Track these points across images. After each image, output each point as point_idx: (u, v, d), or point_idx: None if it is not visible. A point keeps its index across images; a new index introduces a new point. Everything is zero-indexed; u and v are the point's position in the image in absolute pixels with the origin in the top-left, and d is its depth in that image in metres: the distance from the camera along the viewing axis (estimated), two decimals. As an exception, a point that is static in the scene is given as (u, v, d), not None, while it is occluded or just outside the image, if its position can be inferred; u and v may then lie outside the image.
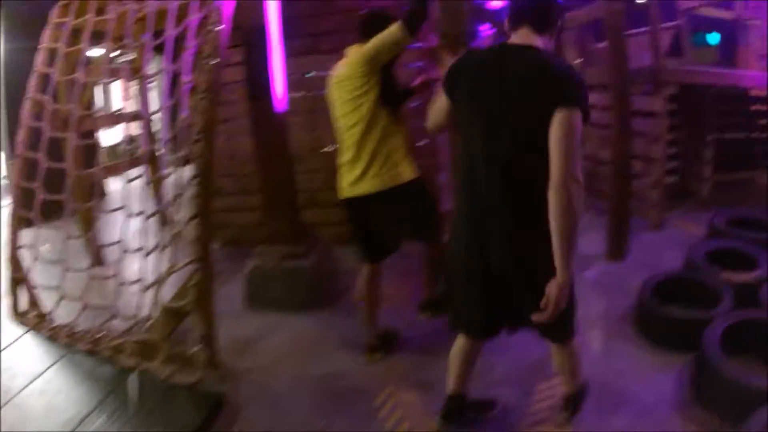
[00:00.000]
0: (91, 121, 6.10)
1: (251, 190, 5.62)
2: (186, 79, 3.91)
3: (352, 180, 3.63)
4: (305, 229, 5.15)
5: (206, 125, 3.76)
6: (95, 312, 4.22)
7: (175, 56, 4.06)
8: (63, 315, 4.46)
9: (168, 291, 3.96)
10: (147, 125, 5.54)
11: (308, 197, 5.86)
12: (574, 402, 3.32)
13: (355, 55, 3.50)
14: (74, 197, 4.89)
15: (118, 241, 4.14)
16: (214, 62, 3.84)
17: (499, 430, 3.39)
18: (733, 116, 7.28)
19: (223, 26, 3.92)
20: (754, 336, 3.78)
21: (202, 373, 3.68)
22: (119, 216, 4.16)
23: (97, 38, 4.76)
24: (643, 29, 6.44)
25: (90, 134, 5.88)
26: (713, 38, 15.62)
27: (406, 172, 3.67)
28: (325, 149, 5.89)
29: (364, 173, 3.57)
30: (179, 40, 4.08)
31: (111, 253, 4.89)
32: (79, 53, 4.63)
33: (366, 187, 3.59)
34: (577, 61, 8.16)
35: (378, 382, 3.79)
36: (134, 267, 4.06)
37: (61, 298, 4.44)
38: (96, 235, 5.80)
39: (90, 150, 5.21)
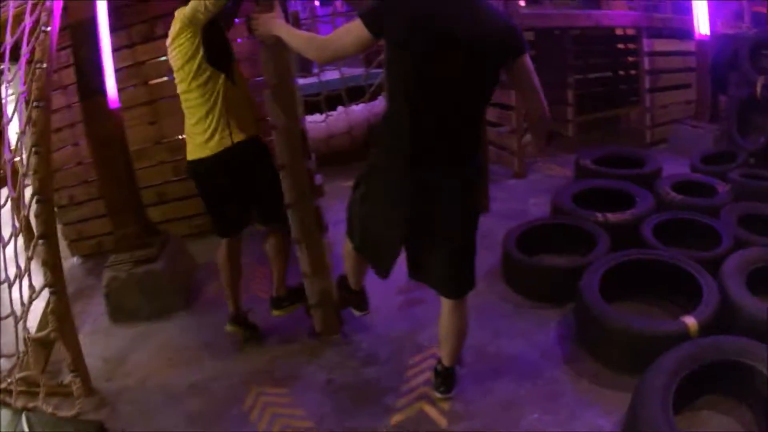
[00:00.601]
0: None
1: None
2: (21, 88, 3.64)
3: (194, 144, 3.53)
4: (154, 229, 4.89)
5: (40, 136, 3.47)
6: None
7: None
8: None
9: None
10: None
11: (156, 192, 5.70)
12: (452, 374, 3.21)
13: (176, 20, 3.35)
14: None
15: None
16: (43, 66, 3.57)
17: (374, 413, 3.21)
18: (595, 56, 7.25)
19: (50, 27, 3.64)
20: (637, 277, 3.69)
21: (80, 402, 3.44)
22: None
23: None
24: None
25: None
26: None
27: (244, 130, 3.53)
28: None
29: (203, 136, 3.47)
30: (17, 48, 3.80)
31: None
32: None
33: (206, 150, 3.49)
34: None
35: (244, 384, 3.59)
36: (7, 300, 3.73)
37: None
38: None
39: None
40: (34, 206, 3.46)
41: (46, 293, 3.46)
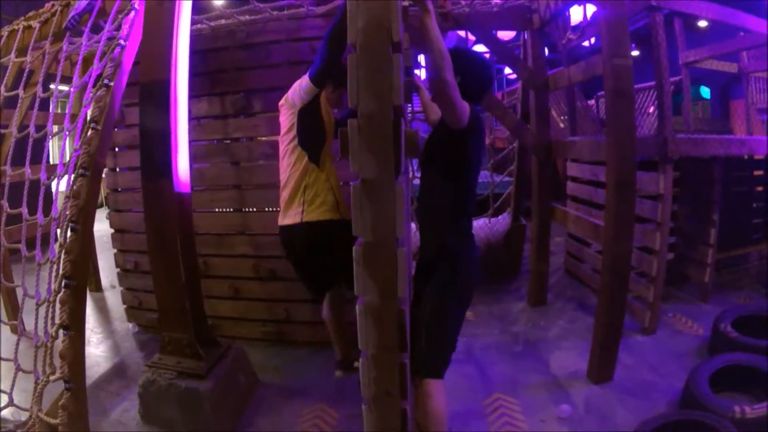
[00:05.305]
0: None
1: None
2: (76, 143, 3.44)
3: (281, 211, 3.90)
4: (212, 338, 4.22)
5: (91, 158, 3.29)
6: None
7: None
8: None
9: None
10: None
11: (231, 286, 5.18)
12: None
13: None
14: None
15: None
16: (98, 128, 3.35)
17: None
18: (737, 185, 6.34)
19: (113, 83, 3.45)
20: None
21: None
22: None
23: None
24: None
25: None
26: (705, 92, 15.06)
27: (316, 213, 3.81)
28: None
29: (283, 205, 3.87)
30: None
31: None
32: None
33: (285, 219, 3.86)
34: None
35: None
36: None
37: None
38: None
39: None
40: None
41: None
